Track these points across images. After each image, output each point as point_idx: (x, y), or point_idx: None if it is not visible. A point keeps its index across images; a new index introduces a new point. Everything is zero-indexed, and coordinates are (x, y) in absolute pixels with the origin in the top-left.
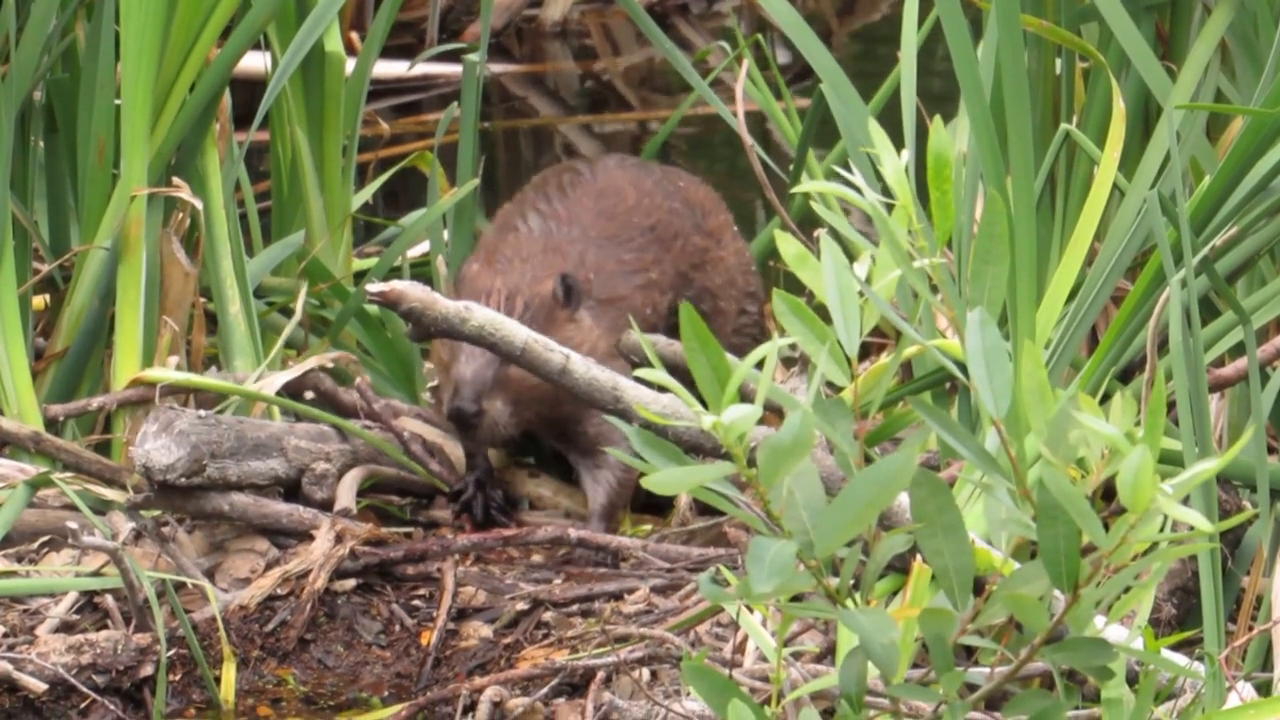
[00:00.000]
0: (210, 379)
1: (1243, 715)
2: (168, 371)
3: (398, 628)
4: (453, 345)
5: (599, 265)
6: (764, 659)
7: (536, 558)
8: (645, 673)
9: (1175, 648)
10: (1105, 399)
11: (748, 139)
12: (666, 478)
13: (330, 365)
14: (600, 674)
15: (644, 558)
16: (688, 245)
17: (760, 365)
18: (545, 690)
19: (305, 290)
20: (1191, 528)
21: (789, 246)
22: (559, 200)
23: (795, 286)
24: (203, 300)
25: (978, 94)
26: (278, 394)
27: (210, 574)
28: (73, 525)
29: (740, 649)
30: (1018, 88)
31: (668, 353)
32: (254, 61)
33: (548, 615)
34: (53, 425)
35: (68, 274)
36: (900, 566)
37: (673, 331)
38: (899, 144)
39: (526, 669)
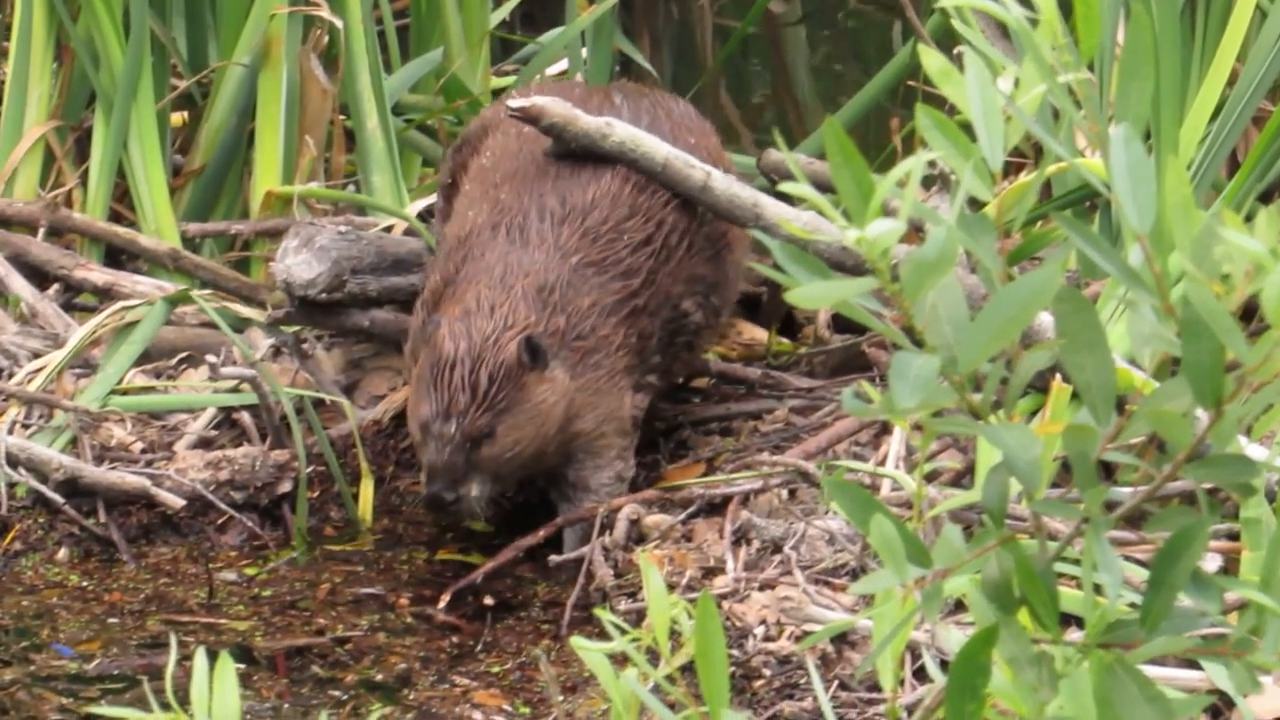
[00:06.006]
0: (349, 194)
1: None
2: (304, 186)
3: None
4: (422, 425)
5: (574, 301)
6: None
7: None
8: (783, 492)
9: None
10: (1247, 220)
11: None
12: (811, 291)
13: None
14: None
15: (782, 379)
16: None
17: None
18: (683, 514)
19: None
20: None
21: (933, 61)
22: (534, 204)
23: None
24: (341, 118)
25: None
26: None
27: (348, 391)
28: (211, 359)
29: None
30: None
31: (808, 171)
32: None
33: (686, 434)
34: (190, 244)
35: (206, 91)
36: (1040, 387)
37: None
38: None
39: (665, 490)
